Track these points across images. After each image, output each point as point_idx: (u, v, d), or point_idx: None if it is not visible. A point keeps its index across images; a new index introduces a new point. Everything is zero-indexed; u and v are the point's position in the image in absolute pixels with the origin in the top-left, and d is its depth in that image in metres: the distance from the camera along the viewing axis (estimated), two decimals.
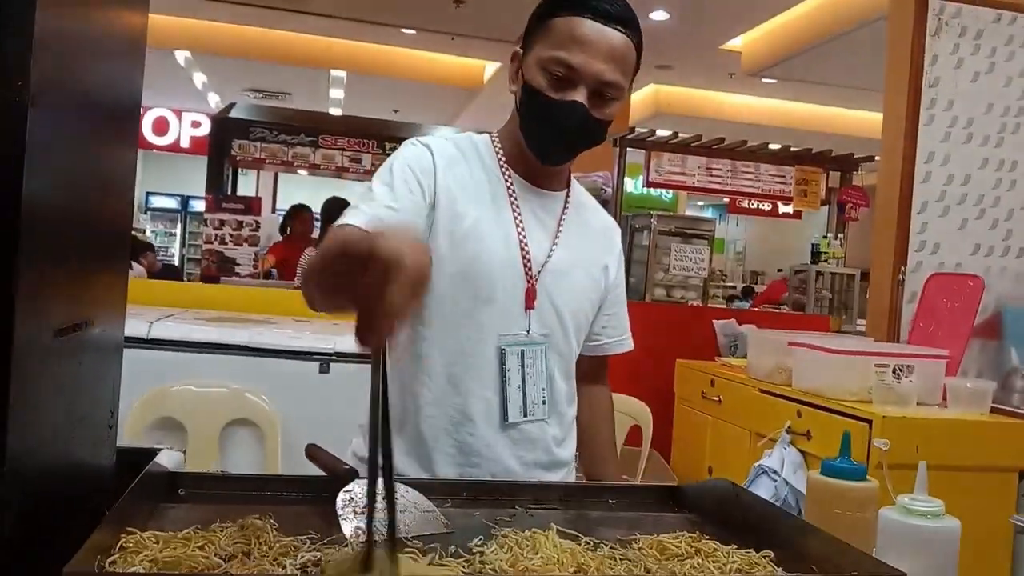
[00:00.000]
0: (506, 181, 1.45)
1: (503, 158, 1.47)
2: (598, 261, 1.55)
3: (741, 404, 3.15)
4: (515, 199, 1.44)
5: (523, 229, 1.43)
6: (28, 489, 0.79)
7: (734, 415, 3.21)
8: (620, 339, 1.63)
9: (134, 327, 2.78)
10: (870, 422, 2.39)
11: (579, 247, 1.51)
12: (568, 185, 1.54)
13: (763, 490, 2.61)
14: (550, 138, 1.40)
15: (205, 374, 2.74)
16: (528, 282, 1.42)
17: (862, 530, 1.13)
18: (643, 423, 2.90)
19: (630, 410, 2.88)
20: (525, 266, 1.42)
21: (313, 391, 2.84)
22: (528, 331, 1.43)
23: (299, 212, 6.40)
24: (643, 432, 2.89)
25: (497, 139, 1.50)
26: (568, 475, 1.53)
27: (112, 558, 0.83)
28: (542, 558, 0.92)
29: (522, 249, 1.42)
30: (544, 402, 1.45)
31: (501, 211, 1.43)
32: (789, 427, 2.70)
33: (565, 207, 1.51)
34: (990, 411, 2.59)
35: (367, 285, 0.74)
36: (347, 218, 1.28)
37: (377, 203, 1.32)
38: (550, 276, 1.44)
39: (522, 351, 1.42)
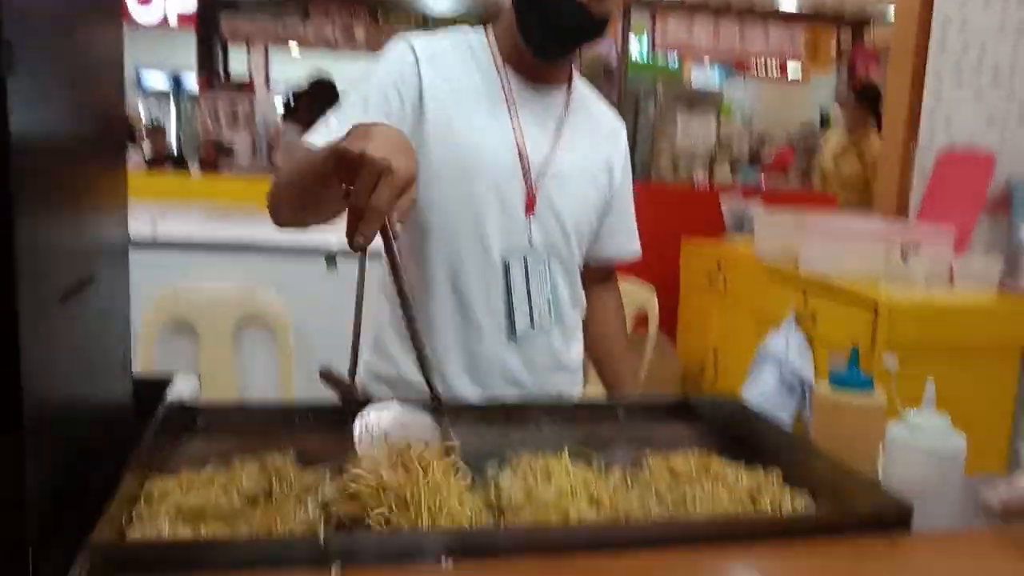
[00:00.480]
0: (502, 80, 1.39)
1: (499, 56, 1.41)
2: (602, 164, 1.51)
3: (747, 287, 3.17)
4: (512, 99, 1.39)
5: (521, 132, 1.38)
6: (51, 441, 0.80)
7: (740, 298, 3.23)
8: (626, 246, 1.61)
9: (137, 228, 2.77)
10: (875, 309, 2.40)
11: (582, 149, 1.46)
12: (570, 80, 1.49)
13: (767, 373, 2.65)
14: (547, 34, 1.34)
15: (209, 275, 2.75)
16: (527, 188, 1.38)
17: (868, 443, 1.15)
18: (649, 309, 2.92)
19: (636, 296, 2.90)
20: (524, 172, 1.37)
21: (321, 287, 2.85)
22: (530, 240, 1.41)
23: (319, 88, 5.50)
24: (649, 317, 2.92)
25: (492, 34, 1.44)
26: (575, 379, 1.54)
27: (138, 509, 0.85)
28: (556, 489, 0.94)
29: (520, 154, 1.37)
30: (551, 312, 1.44)
31: (497, 113, 1.37)
32: (795, 313, 2.72)
33: (567, 106, 1.46)
34: (997, 289, 2.60)
35: (357, 189, 0.85)
36: (316, 134, 1.29)
37: (348, 117, 1.27)
38: (551, 182, 1.40)
39: (525, 260, 1.40)
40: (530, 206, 1.39)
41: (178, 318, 2.63)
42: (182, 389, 1.23)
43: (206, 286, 2.69)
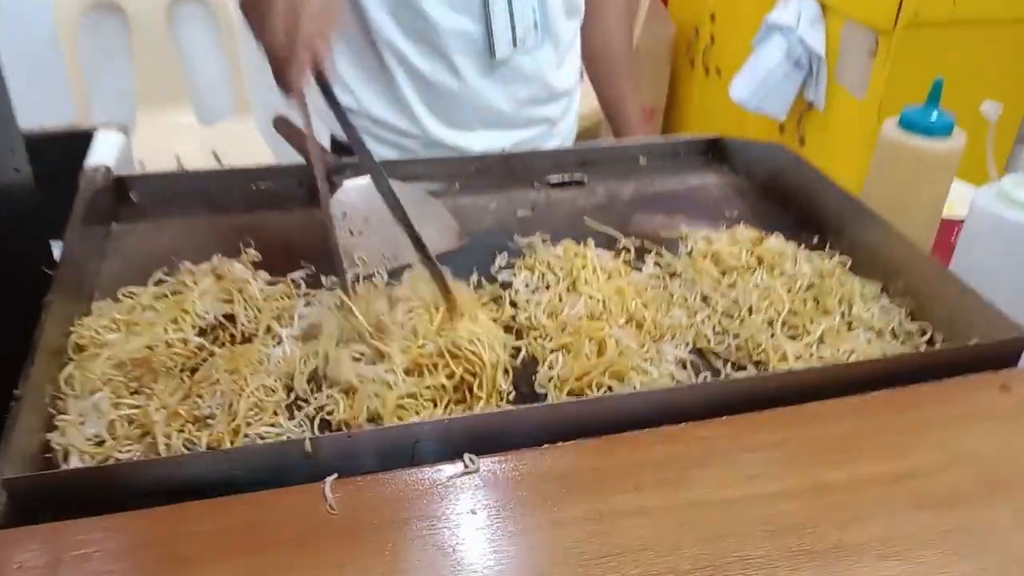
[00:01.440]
0: None
1: None
2: None
3: None
4: None
5: None
6: None
7: None
8: None
9: None
10: None
11: None
12: None
13: (775, 48, 2.38)
14: None
15: None
16: None
17: (934, 204, 0.97)
18: None
19: None
20: None
21: None
22: None
23: None
24: None
25: None
26: (569, 107, 1.29)
27: (66, 373, 0.67)
28: (585, 304, 0.77)
29: None
30: (536, 25, 1.15)
31: None
32: None
33: None
34: None
35: (273, 28, 0.74)
36: None
37: None
38: None
39: None
40: None
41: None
42: (105, 154, 0.99)
43: None
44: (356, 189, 0.90)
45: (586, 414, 0.60)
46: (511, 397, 0.68)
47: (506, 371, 0.70)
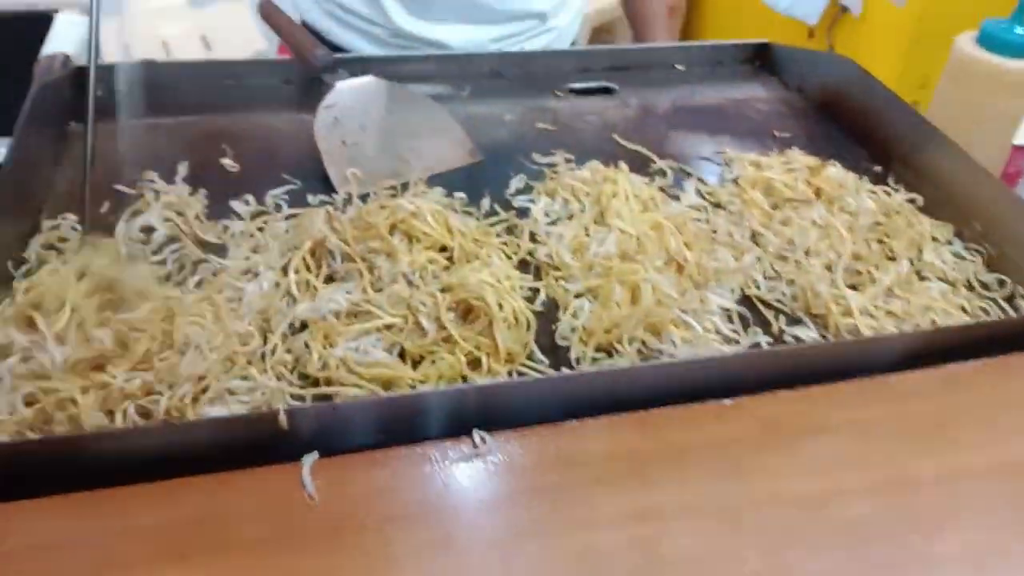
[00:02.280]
0: None
1: None
2: None
3: None
4: None
5: None
6: None
7: None
8: None
9: None
10: None
11: None
12: None
13: None
14: None
15: None
16: None
17: (1006, 126, 0.85)
18: None
19: None
20: None
21: None
22: None
23: None
24: None
25: None
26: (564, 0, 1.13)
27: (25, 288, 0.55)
28: (616, 240, 0.66)
29: None
30: None
31: None
32: None
33: None
34: None
35: None
36: None
37: None
38: None
39: None
40: None
41: None
42: (62, 41, 0.85)
43: None
44: (351, 91, 0.78)
45: (622, 384, 0.50)
46: (525, 349, 0.57)
47: (528, 325, 0.59)
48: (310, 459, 0.45)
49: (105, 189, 0.69)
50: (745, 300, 0.64)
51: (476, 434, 0.47)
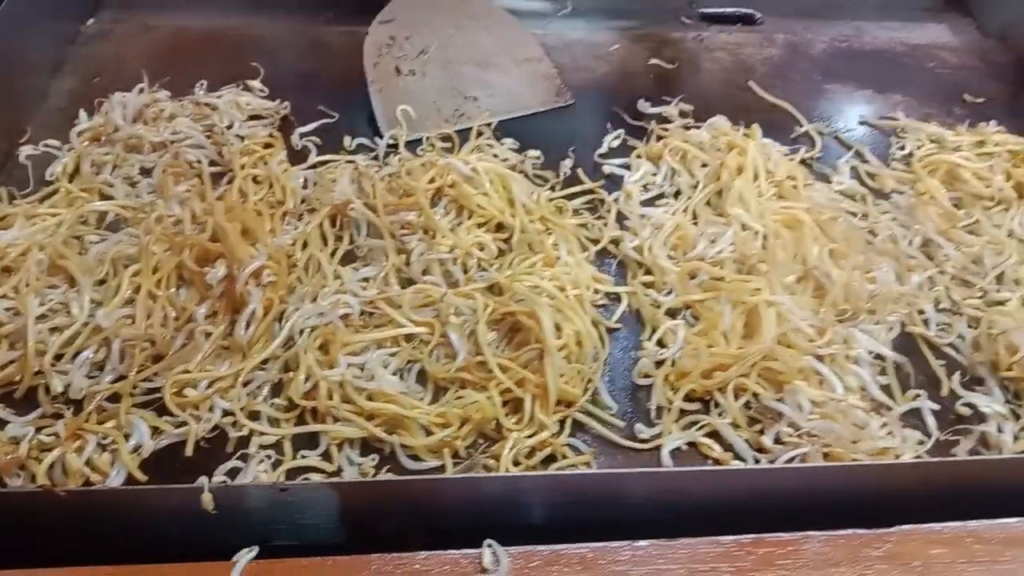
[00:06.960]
0: None
1: None
2: None
3: None
4: None
5: None
6: None
7: None
8: None
9: None
10: None
11: None
12: None
13: None
14: None
15: None
16: None
17: None
18: None
19: None
20: None
21: None
22: None
23: None
24: None
25: None
26: None
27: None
28: (735, 237, 0.48)
29: None
30: None
31: None
32: None
33: None
34: None
35: None
36: None
37: None
38: None
39: None
40: None
41: None
42: None
43: None
44: (413, 2, 0.61)
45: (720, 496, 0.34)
46: (587, 387, 0.42)
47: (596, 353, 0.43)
48: (245, 557, 0.31)
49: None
50: (905, 338, 0.47)
51: (487, 549, 0.32)
